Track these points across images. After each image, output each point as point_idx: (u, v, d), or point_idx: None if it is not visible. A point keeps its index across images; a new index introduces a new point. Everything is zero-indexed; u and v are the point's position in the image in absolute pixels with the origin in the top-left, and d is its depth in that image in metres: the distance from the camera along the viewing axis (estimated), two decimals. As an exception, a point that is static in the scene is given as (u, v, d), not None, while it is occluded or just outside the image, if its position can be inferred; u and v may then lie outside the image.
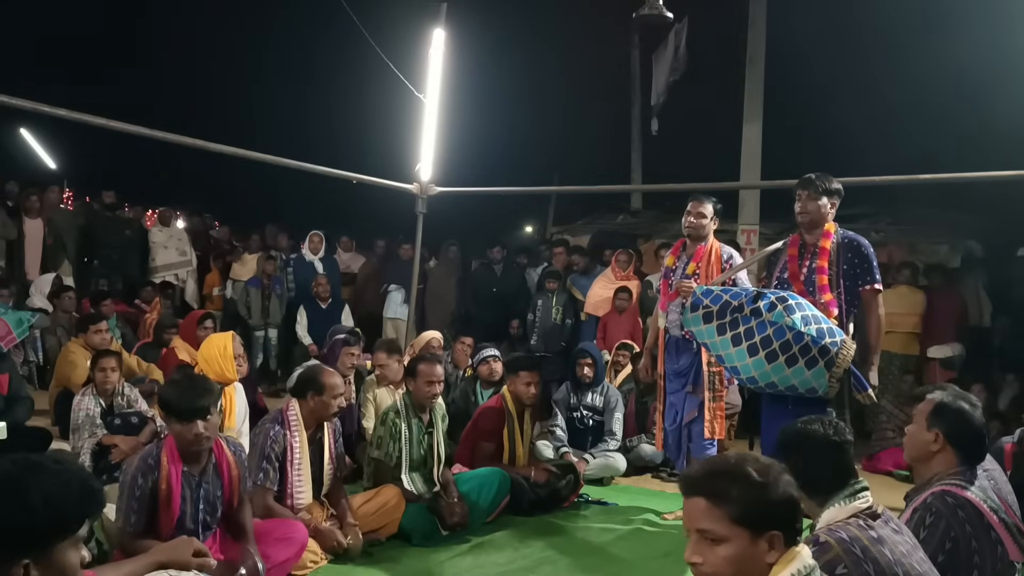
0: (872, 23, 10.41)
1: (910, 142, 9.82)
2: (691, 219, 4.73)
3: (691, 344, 4.57)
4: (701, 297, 3.98)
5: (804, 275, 4.05)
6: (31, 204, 8.50)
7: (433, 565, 3.84)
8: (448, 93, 7.63)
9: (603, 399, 5.83)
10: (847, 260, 3.99)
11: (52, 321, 7.52)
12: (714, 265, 4.65)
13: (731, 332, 3.79)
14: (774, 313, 3.67)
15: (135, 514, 3.01)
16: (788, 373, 3.66)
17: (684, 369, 4.68)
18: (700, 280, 4.51)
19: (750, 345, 3.71)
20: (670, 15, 6.90)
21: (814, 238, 4.07)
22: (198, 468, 3.13)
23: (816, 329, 3.64)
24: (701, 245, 4.68)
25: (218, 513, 3.20)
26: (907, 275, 7.41)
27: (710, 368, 4.55)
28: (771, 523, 1.60)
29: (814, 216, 4.05)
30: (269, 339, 8.67)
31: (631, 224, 11.49)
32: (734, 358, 3.81)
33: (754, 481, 1.61)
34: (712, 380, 4.58)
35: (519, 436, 4.96)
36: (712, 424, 4.58)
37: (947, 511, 2.35)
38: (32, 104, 4.94)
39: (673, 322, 4.69)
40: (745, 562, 1.59)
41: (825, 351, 3.60)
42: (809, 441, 2.17)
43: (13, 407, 5.00)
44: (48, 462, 1.59)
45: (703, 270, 4.64)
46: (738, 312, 3.79)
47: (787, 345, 3.61)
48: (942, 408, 2.54)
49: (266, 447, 3.69)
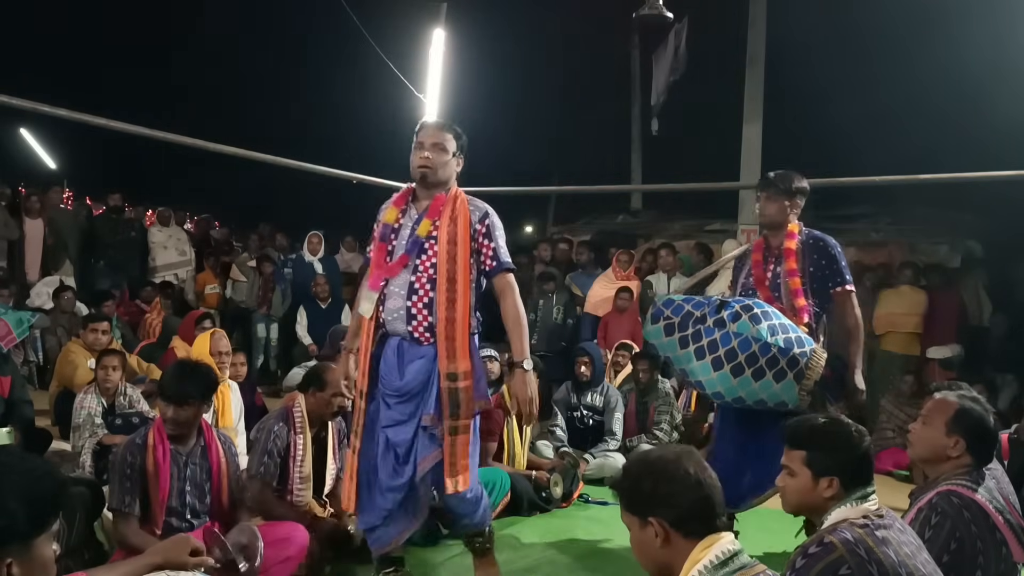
0: (872, 23, 10.41)
1: (910, 142, 9.82)
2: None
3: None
4: (662, 308, 3.73)
5: (770, 279, 3.82)
6: (31, 204, 8.50)
7: (433, 565, 3.84)
8: (448, 93, 7.64)
9: (603, 399, 5.83)
10: (813, 262, 3.77)
11: (52, 321, 7.52)
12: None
13: (694, 345, 3.55)
14: (738, 323, 3.46)
15: (128, 494, 3.05)
16: (755, 387, 3.43)
17: (414, 388, 3.14)
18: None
19: (714, 359, 3.47)
20: (670, 15, 6.92)
21: (778, 240, 3.84)
22: (185, 449, 3.20)
23: (784, 339, 3.42)
24: (439, 194, 3.24)
25: (207, 497, 3.22)
26: (908, 275, 7.41)
27: (451, 384, 3.07)
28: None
29: (775, 218, 3.83)
30: (270, 339, 8.67)
31: (631, 224, 11.50)
32: (698, 372, 3.57)
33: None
34: (455, 399, 3.07)
35: (518, 436, 4.96)
36: (455, 468, 3.08)
37: (953, 511, 2.34)
38: (32, 104, 4.95)
39: (394, 311, 3.23)
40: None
41: (794, 362, 3.39)
42: (847, 439, 2.10)
43: (18, 409, 4.99)
44: (14, 460, 1.62)
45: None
46: (700, 323, 3.56)
47: (753, 357, 3.40)
48: (964, 414, 2.50)
49: (269, 442, 3.72)
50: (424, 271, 3.12)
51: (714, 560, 1.71)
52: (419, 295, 3.11)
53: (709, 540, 1.75)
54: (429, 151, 3.20)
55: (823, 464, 2.07)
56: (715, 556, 1.72)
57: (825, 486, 2.06)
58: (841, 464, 2.06)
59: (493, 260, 3.15)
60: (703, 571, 1.71)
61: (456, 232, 3.11)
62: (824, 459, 2.07)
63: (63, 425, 5.14)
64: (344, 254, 9.67)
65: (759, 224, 4.03)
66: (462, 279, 3.08)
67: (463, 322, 3.06)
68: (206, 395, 3.24)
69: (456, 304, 3.06)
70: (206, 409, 3.33)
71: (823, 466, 2.07)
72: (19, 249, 8.39)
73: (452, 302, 3.06)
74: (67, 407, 4.89)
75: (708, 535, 1.75)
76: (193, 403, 3.14)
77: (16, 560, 1.52)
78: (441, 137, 3.24)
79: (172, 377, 3.20)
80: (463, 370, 3.06)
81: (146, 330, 7.80)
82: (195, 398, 3.15)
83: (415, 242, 3.14)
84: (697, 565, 1.72)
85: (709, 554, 1.72)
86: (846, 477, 2.05)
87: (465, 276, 3.09)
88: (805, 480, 2.09)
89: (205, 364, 3.50)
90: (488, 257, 3.15)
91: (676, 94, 9.79)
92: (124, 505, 3.05)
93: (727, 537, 1.76)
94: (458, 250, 3.10)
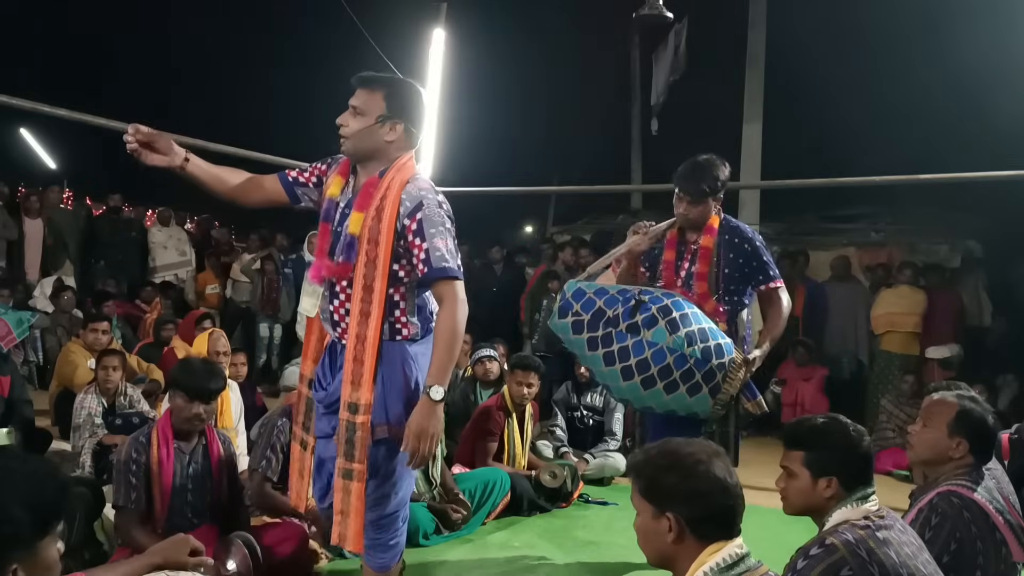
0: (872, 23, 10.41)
1: (910, 142, 9.82)
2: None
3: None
4: (571, 301, 3.36)
5: (682, 279, 3.48)
6: (31, 204, 8.51)
7: (433, 565, 3.84)
8: (448, 93, 7.63)
9: (603, 399, 5.83)
10: (729, 261, 3.42)
11: (52, 321, 7.53)
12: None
13: (603, 349, 3.22)
14: (653, 331, 3.13)
15: (135, 490, 3.06)
16: (667, 399, 3.17)
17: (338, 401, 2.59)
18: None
19: (624, 368, 3.17)
20: (670, 15, 6.91)
21: (695, 236, 3.49)
22: (188, 447, 3.21)
23: (702, 349, 3.12)
24: (374, 175, 2.59)
25: (208, 496, 3.23)
26: (908, 275, 7.41)
27: (349, 416, 2.48)
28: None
29: (699, 219, 3.45)
30: (273, 339, 8.67)
31: (631, 224, 11.49)
32: (607, 376, 3.29)
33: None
34: (350, 436, 2.46)
35: (518, 436, 4.96)
36: (346, 520, 2.49)
37: (953, 512, 2.34)
38: (32, 104, 4.95)
39: (324, 311, 2.72)
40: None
41: (711, 376, 3.12)
42: (844, 438, 2.09)
43: (18, 409, 4.99)
44: (17, 463, 1.60)
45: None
46: (612, 326, 3.22)
47: (667, 370, 3.11)
48: (965, 415, 2.49)
49: (272, 437, 3.73)
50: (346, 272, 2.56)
51: (720, 563, 1.69)
52: (340, 300, 2.56)
53: (720, 543, 1.72)
54: (344, 115, 2.54)
55: (822, 464, 2.06)
56: (722, 559, 1.70)
57: (824, 486, 2.05)
58: (840, 463, 2.05)
59: (425, 264, 2.43)
60: (708, 573, 1.69)
61: (379, 229, 2.45)
62: (822, 459, 2.06)
63: (63, 425, 5.15)
64: (346, 254, 9.64)
65: (679, 222, 3.55)
66: (380, 287, 2.45)
67: (374, 341, 2.45)
68: (223, 390, 3.32)
69: (370, 319, 2.45)
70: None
71: (822, 466, 2.05)
72: (19, 249, 8.39)
73: (366, 315, 2.45)
74: (67, 407, 4.89)
75: (721, 540, 1.72)
76: (216, 399, 3.21)
77: (21, 566, 1.52)
78: (360, 97, 2.53)
79: (197, 374, 3.17)
80: (364, 402, 2.44)
81: (146, 330, 7.80)
82: (220, 393, 3.24)
83: (350, 244, 2.51)
84: (703, 567, 1.70)
85: (716, 557, 1.70)
86: (845, 477, 2.04)
87: (383, 284, 2.45)
88: (805, 481, 2.08)
89: (211, 361, 3.55)
90: (420, 260, 2.43)
91: (676, 94, 9.79)
92: (130, 502, 3.06)
93: (736, 541, 1.74)
94: (379, 251, 2.45)
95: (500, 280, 8.60)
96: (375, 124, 2.50)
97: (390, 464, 2.52)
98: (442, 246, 2.44)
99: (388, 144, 2.53)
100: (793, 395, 7.31)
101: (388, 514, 2.58)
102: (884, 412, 6.62)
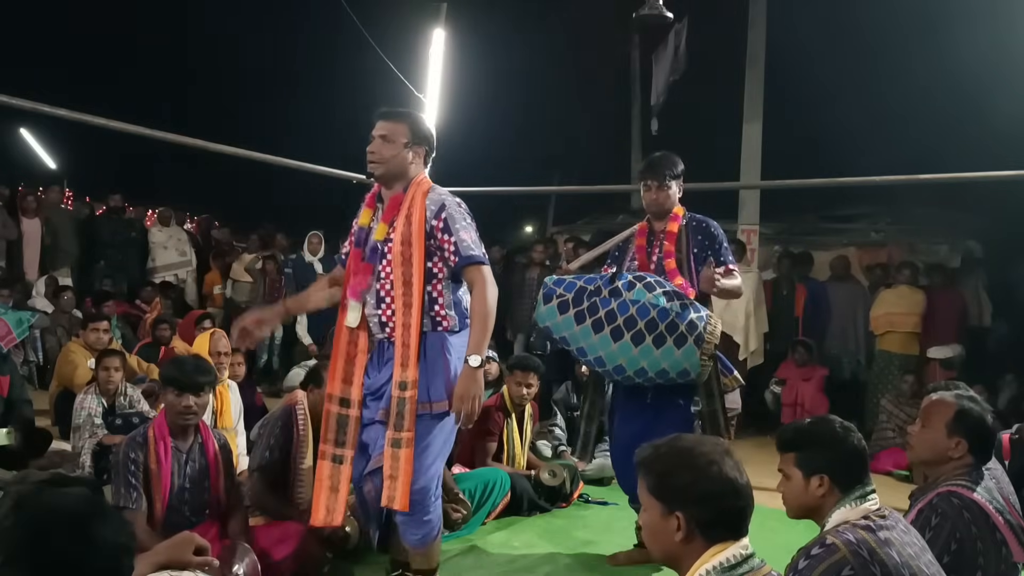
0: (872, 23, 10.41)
1: (910, 142, 9.82)
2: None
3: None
4: (553, 287, 3.64)
5: (654, 263, 3.81)
6: (28, 204, 8.52)
7: (433, 565, 3.84)
8: (448, 93, 7.63)
9: (602, 398, 5.81)
10: (697, 243, 3.79)
11: (52, 321, 7.52)
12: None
13: (591, 318, 3.48)
14: (634, 291, 3.45)
15: (134, 490, 3.06)
16: (657, 355, 3.41)
17: (382, 387, 3.04)
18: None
19: (613, 328, 3.43)
20: (670, 15, 6.90)
21: (662, 225, 3.85)
22: (185, 445, 3.22)
23: (680, 304, 3.43)
24: (399, 192, 3.08)
25: (205, 494, 3.23)
26: (907, 275, 7.41)
27: (400, 393, 2.91)
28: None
29: (664, 205, 3.81)
30: (274, 339, 8.67)
31: (631, 224, 11.47)
32: (597, 347, 3.51)
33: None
34: (400, 409, 2.90)
35: (517, 436, 4.96)
36: (395, 483, 2.86)
37: (953, 512, 2.34)
38: (32, 104, 4.95)
39: (371, 317, 3.09)
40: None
41: (693, 326, 3.39)
42: (830, 435, 2.10)
43: (17, 409, 5.00)
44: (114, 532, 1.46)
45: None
46: (596, 296, 3.50)
47: (653, 323, 3.39)
48: (964, 415, 2.49)
49: (271, 438, 3.75)
50: (387, 277, 2.98)
51: (724, 563, 1.68)
52: (386, 303, 2.99)
53: (725, 543, 1.71)
54: (374, 144, 3.00)
55: (811, 463, 2.08)
56: (726, 559, 1.69)
57: (816, 485, 2.06)
58: (829, 461, 2.06)
59: (455, 255, 2.91)
60: (711, 572, 1.68)
61: (410, 232, 2.91)
62: (812, 457, 2.08)
63: (63, 425, 5.15)
64: (345, 254, 9.65)
65: (647, 212, 3.93)
66: (417, 282, 2.90)
67: (416, 327, 2.90)
68: (215, 383, 3.33)
69: (412, 308, 2.90)
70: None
71: (812, 465, 2.07)
72: (18, 249, 8.39)
73: (408, 306, 2.91)
74: (67, 407, 4.89)
75: (728, 540, 1.71)
76: (207, 391, 3.21)
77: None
78: (388, 128, 2.99)
79: (184, 368, 3.21)
80: (412, 379, 2.88)
81: (146, 330, 7.80)
82: (211, 385, 3.24)
83: (373, 249, 3.00)
84: (705, 565, 1.69)
85: (720, 556, 1.69)
86: (836, 474, 2.05)
87: (420, 278, 2.90)
88: (798, 481, 2.10)
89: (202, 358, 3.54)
90: (450, 252, 2.91)
91: (676, 94, 9.78)
92: (131, 501, 3.05)
93: (742, 541, 1.73)
94: (412, 251, 2.90)
95: (500, 280, 8.57)
96: (402, 149, 2.98)
97: (425, 438, 2.91)
98: (467, 237, 2.92)
99: (411, 165, 3.02)
100: (793, 395, 7.31)
101: (418, 488, 2.89)
102: (884, 412, 6.62)
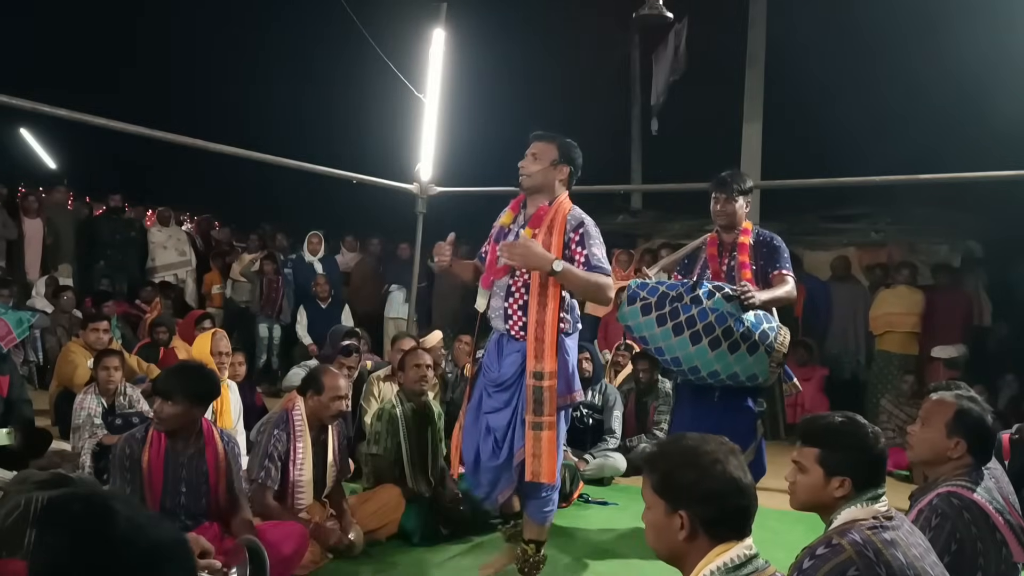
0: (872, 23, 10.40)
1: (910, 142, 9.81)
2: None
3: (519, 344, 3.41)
4: (637, 290, 3.87)
5: (724, 272, 4.04)
6: (29, 204, 8.52)
7: (433, 565, 3.84)
8: (448, 93, 7.64)
9: (602, 397, 5.83)
10: (763, 256, 4.01)
11: (52, 321, 7.52)
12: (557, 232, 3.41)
13: (672, 322, 3.71)
14: (714, 300, 3.64)
15: (129, 485, 3.05)
16: (731, 360, 3.65)
17: (509, 379, 3.41)
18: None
19: (692, 333, 3.65)
20: (670, 15, 6.91)
21: (732, 237, 4.08)
22: (182, 449, 3.18)
23: (754, 315, 3.65)
24: (543, 203, 3.45)
25: (203, 499, 3.20)
26: (906, 275, 7.41)
27: (536, 382, 3.30)
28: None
29: (732, 218, 4.05)
30: (273, 339, 8.67)
31: (631, 224, 11.49)
32: (675, 348, 3.73)
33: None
34: (539, 397, 3.29)
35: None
36: (539, 461, 3.30)
37: (953, 513, 2.34)
38: (32, 104, 4.96)
39: (496, 309, 3.49)
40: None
41: (765, 336, 3.64)
42: (861, 440, 2.09)
43: (17, 408, 5.00)
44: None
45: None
46: (677, 301, 3.71)
47: (729, 331, 3.60)
48: (964, 415, 2.49)
49: (269, 446, 3.71)
50: (520, 276, 3.38)
51: (728, 563, 1.67)
52: (515, 297, 3.39)
53: (729, 543, 1.70)
54: (525, 160, 3.48)
55: (837, 463, 2.04)
56: (730, 559, 1.68)
57: (836, 485, 2.03)
58: (855, 464, 2.03)
59: (585, 265, 3.29)
60: (715, 572, 1.67)
61: (551, 242, 3.31)
62: (838, 458, 2.04)
63: (63, 425, 5.15)
64: (344, 254, 9.66)
65: (716, 223, 4.14)
66: (554, 285, 3.28)
67: (552, 325, 3.28)
68: (196, 397, 3.16)
69: (547, 308, 3.29)
70: (200, 413, 3.25)
71: (836, 465, 2.04)
72: (18, 249, 8.39)
73: (543, 306, 3.30)
74: (67, 407, 4.90)
75: (732, 540, 1.71)
76: (178, 400, 3.07)
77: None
78: (537, 147, 3.48)
79: (165, 372, 3.29)
80: (549, 370, 3.28)
81: (146, 330, 7.81)
82: (179, 395, 3.08)
83: None
84: (710, 565, 1.68)
85: (724, 556, 1.68)
86: (859, 478, 2.02)
87: (556, 283, 3.26)
88: (817, 478, 2.06)
89: (207, 368, 3.46)
90: (580, 264, 3.29)
91: (676, 94, 9.79)
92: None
93: (746, 541, 1.72)
94: None
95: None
96: (549, 166, 3.42)
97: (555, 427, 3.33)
98: (598, 252, 3.34)
99: (556, 182, 3.45)
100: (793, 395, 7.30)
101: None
102: (884, 412, 6.62)
